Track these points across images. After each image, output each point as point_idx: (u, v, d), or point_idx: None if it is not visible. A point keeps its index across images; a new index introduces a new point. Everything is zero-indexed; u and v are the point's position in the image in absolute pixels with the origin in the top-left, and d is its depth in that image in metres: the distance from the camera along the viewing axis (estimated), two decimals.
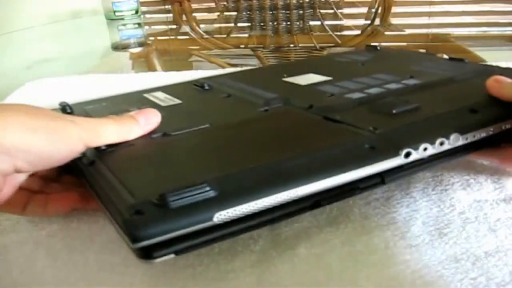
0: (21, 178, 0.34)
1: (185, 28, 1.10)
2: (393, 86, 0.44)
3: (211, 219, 0.26)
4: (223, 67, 0.84)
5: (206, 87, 0.52)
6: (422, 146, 0.32)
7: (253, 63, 0.95)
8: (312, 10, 1.05)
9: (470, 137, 0.33)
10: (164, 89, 0.54)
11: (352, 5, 1.07)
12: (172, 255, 0.26)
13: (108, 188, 0.30)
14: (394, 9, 1.04)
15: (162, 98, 0.50)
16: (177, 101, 0.48)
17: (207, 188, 0.27)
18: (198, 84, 0.53)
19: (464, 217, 0.34)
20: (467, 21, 1.06)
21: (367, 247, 0.31)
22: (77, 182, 0.38)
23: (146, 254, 0.26)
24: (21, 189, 0.34)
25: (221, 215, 0.26)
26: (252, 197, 0.27)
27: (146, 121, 0.37)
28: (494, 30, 1.04)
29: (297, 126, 0.38)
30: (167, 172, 0.31)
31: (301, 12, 1.05)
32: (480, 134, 0.34)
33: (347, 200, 0.36)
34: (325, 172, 0.29)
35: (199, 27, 1.09)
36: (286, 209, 0.28)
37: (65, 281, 0.30)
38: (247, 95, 0.47)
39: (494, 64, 0.66)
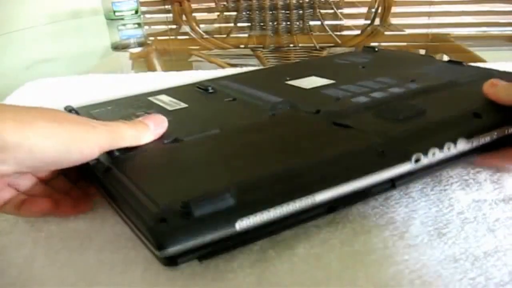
0: (15, 177, 0.34)
1: (185, 28, 1.10)
2: (396, 90, 0.45)
3: (233, 226, 0.27)
4: (223, 67, 0.84)
5: (210, 90, 0.52)
6: (431, 151, 0.33)
7: (253, 63, 0.95)
8: (312, 10, 1.05)
9: (476, 142, 0.34)
10: (168, 92, 0.54)
11: (352, 5, 1.07)
12: (195, 261, 0.27)
13: (129, 196, 0.31)
14: (394, 9, 1.04)
15: (167, 101, 0.50)
16: (183, 104, 0.49)
17: (229, 196, 0.28)
18: (201, 87, 0.53)
19: (463, 217, 0.34)
20: (467, 21, 1.06)
21: (366, 247, 0.31)
22: (67, 188, 0.38)
23: (171, 260, 0.27)
24: (9, 186, 0.34)
25: (243, 223, 0.28)
26: (273, 204, 0.28)
27: (156, 126, 0.38)
28: (494, 30, 1.04)
29: (307, 132, 0.39)
30: (186, 179, 0.32)
31: (301, 12, 1.05)
32: (485, 139, 0.34)
33: None
34: (340, 179, 0.30)
35: (199, 27, 1.09)
36: (304, 214, 0.30)
37: (64, 281, 0.30)
38: (252, 99, 0.48)
39: (493, 64, 0.66)
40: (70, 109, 0.49)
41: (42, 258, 0.32)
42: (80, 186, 0.38)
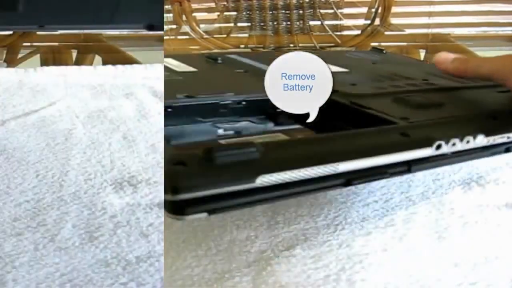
0: None
1: (185, 28, 1.10)
2: (410, 84, 0.44)
3: (254, 181, 0.26)
4: None
5: (220, 61, 0.51)
6: (452, 141, 0.32)
7: None
8: (312, 10, 1.05)
9: (491, 141, 0.34)
10: (174, 57, 0.52)
11: (352, 5, 1.06)
12: (205, 214, 0.26)
13: None
14: (394, 9, 1.04)
15: (175, 64, 0.49)
16: (192, 68, 0.47)
17: (254, 150, 0.27)
18: (211, 57, 0.53)
19: (463, 221, 0.33)
20: (467, 21, 1.06)
21: (365, 249, 0.31)
22: None
23: (179, 210, 0.25)
24: None
25: (264, 178, 0.26)
26: (296, 166, 0.27)
27: None
28: (494, 30, 1.04)
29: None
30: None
31: (301, 12, 1.05)
32: (500, 139, 0.35)
33: (345, 201, 0.36)
34: (364, 152, 0.30)
35: (199, 27, 1.09)
36: (322, 182, 0.29)
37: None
38: (265, 72, 0.46)
39: None
40: None
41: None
42: None
